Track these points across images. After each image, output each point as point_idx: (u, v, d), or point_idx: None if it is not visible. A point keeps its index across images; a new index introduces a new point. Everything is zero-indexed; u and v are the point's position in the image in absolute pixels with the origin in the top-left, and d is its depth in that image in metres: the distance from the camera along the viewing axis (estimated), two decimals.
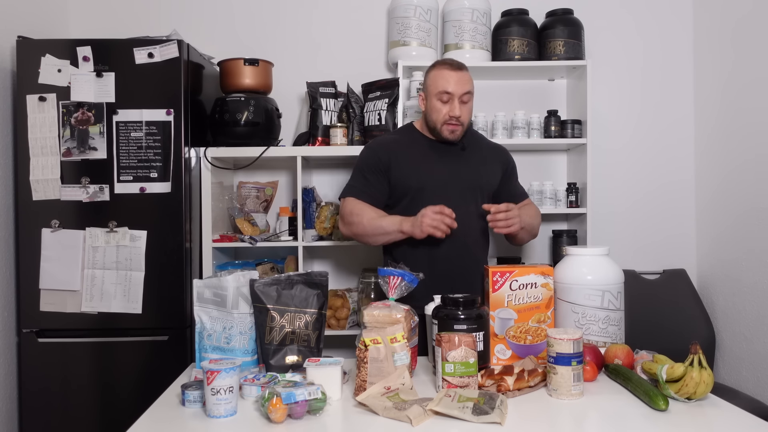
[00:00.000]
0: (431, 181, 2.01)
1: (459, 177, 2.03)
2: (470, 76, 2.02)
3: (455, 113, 1.96)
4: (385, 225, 1.95)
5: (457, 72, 1.98)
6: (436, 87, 1.98)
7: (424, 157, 2.05)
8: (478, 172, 2.06)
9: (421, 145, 2.07)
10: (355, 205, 2.01)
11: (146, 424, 1.31)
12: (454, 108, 1.96)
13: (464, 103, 1.98)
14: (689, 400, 1.37)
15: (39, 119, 2.33)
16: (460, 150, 2.07)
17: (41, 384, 2.33)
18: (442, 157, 2.05)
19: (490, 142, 2.26)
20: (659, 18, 3.04)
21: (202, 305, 1.59)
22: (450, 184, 2.02)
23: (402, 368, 1.42)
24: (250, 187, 2.86)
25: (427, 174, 2.02)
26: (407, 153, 2.05)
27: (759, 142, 2.52)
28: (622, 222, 3.03)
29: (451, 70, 1.98)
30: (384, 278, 1.59)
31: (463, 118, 1.99)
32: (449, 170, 2.03)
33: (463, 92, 1.96)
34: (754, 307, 2.57)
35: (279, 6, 3.01)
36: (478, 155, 2.09)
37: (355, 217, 1.99)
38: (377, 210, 2.01)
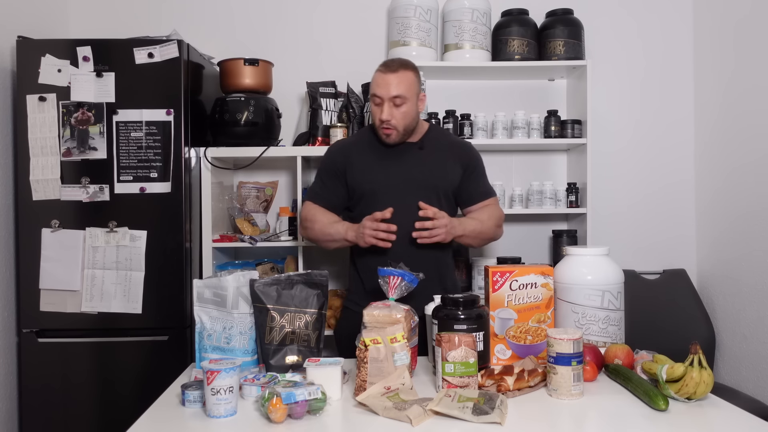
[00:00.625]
0: (384, 183, 1.98)
1: (412, 178, 1.98)
2: (410, 77, 1.93)
3: (383, 117, 1.91)
4: (333, 232, 1.97)
5: (389, 74, 1.90)
6: (371, 89, 1.96)
7: (379, 158, 2.01)
8: (434, 171, 2.01)
9: (377, 146, 2.02)
10: (310, 210, 2.04)
11: (146, 424, 1.31)
12: (383, 112, 1.91)
13: (396, 107, 1.91)
14: (689, 400, 1.37)
15: (39, 119, 2.33)
16: (417, 149, 2.02)
17: (41, 384, 2.33)
18: (397, 157, 2.01)
19: (455, 139, 2.19)
20: (659, 18, 3.04)
21: (202, 305, 1.59)
22: (404, 185, 1.97)
23: (402, 368, 1.42)
24: (250, 187, 2.86)
25: (379, 176, 1.99)
26: (363, 155, 2.03)
27: (759, 143, 2.52)
28: (622, 222, 3.03)
29: (382, 73, 1.92)
30: (384, 278, 1.59)
31: (396, 122, 1.92)
32: (404, 171, 1.99)
33: (393, 95, 1.89)
34: (754, 307, 2.57)
35: (279, 6, 3.01)
36: (437, 154, 2.03)
37: (308, 222, 2.04)
38: (330, 215, 2.03)
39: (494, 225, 2.05)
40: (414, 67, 1.98)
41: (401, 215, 1.92)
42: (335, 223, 1.99)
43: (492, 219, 2.04)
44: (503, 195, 2.83)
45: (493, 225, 2.05)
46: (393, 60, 1.97)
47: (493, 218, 2.04)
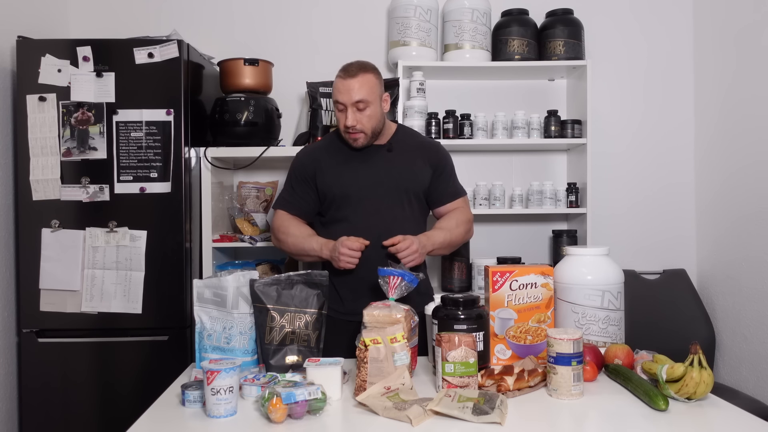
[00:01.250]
0: (354, 187, 1.96)
1: (383, 180, 1.96)
2: (371, 80, 1.90)
3: (348, 123, 1.89)
4: (308, 248, 1.94)
5: (349, 80, 1.88)
6: (333, 96, 1.94)
7: (348, 162, 1.99)
8: (403, 173, 1.99)
9: (346, 150, 2.00)
10: (282, 221, 2.01)
11: (146, 424, 1.31)
12: (347, 118, 1.89)
13: (360, 111, 1.89)
14: (689, 400, 1.37)
15: (39, 119, 2.33)
16: (386, 152, 2.01)
17: (41, 384, 2.33)
18: (366, 160, 1.98)
19: (424, 139, 2.17)
20: (660, 18, 3.04)
21: (202, 305, 1.59)
22: (373, 188, 1.96)
23: (402, 368, 1.42)
24: (250, 187, 2.86)
25: (349, 180, 1.96)
26: (331, 160, 2.00)
27: (759, 144, 2.52)
28: (622, 222, 3.03)
29: (341, 79, 1.90)
30: (384, 278, 1.59)
31: (362, 126, 1.90)
32: (373, 174, 1.97)
33: (355, 101, 1.87)
34: (754, 307, 2.57)
35: (279, 6, 3.01)
36: (406, 155, 2.01)
37: (281, 234, 2.00)
38: (302, 227, 2.00)
39: (464, 231, 2.04)
40: (374, 69, 1.95)
41: (372, 218, 1.92)
42: (309, 238, 1.95)
43: (461, 225, 2.03)
44: (503, 195, 2.83)
45: (463, 231, 2.04)
46: (351, 64, 1.93)
47: (461, 224, 2.03)
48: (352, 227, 1.91)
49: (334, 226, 1.96)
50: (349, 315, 1.90)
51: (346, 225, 1.93)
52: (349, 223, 1.94)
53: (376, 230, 1.89)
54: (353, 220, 1.94)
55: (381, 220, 1.92)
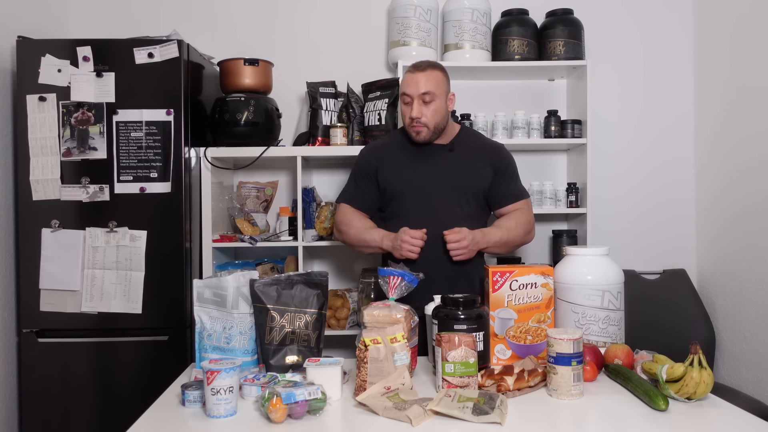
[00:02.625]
0: (411, 184, 2.01)
1: (441, 179, 2.01)
2: (438, 75, 1.98)
3: (413, 114, 1.96)
4: (369, 239, 2.00)
5: (416, 73, 1.97)
6: (401, 90, 2.02)
7: (409, 160, 2.05)
8: (463, 173, 2.03)
9: (408, 148, 2.07)
10: (345, 214, 2.08)
11: (146, 424, 1.31)
12: (413, 109, 1.96)
13: (426, 104, 1.96)
14: (689, 400, 1.37)
15: (39, 119, 2.33)
16: (447, 151, 2.05)
17: (41, 384, 2.33)
18: (427, 159, 2.04)
19: (487, 141, 2.20)
20: (659, 18, 3.04)
21: (202, 305, 1.59)
22: (431, 186, 2.00)
23: (402, 368, 1.42)
24: (250, 187, 2.86)
25: (408, 177, 2.02)
26: (394, 156, 2.06)
27: (759, 142, 2.52)
28: (622, 222, 3.03)
29: (410, 73, 1.98)
30: (384, 278, 1.59)
31: (426, 119, 1.97)
32: (432, 172, 2.02)
33: (421, 92, 1.95)
34: (754, 307, 2.57)
35: (279, 6, 3.01)
36: (468, 156, 2.06)
37: (343, 226, 2.07)
38: (365, 220, 2.06)
39: (523, 232, 2.05)
40: (442, 68, 2.03)
41: (428, 216, 1.96)
42: (371, 230, 2.01)
43: (520, 226, 2.04)
44: None
45: (522, 232, 2.05)
46: (422, 61, 2.03)
47: (521, 225, 2.04)
48: (409, 224, 1.94)
49: (393, 221, 2.01)
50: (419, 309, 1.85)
51: (403, 221, 1.97)
52: (406, 220, 1.97)
53: (432, 228, 1.91)
54: (410, 217, 1.98)
55: (438, 218, 1.95)
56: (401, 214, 2.00)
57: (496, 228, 2.01)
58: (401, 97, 2.01)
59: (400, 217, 2.01)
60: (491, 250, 2.02)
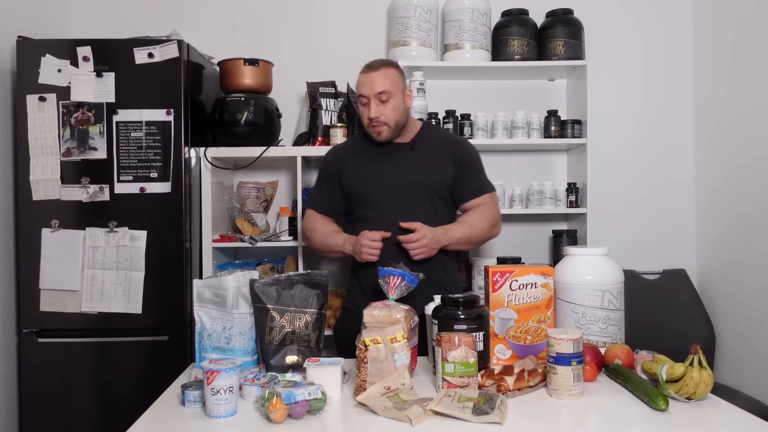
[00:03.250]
0: (373, 186, 1.99)
1: (404, 178, 1.99)
2: (393, 73, 1.96)
3: (371, 114, 1.94)
4: (332, 244, 2.00)
5: (370, 73, 1.94)
6: (356, 92, 1.99)
7: (371, 161, 2.02)
8: (424, 171, 2.00)
9: (370, 149, 2.04)
10: (310, 220, 2.08)
11: (146, 424, 1.31)
12: (371, 110, 1.94)
13: (383, 103, 1.93)
14: (689, 400, 1.37)
15: (39, 119, 2.33)
16: (409, 150, 2.03)
17: (41, 384, 2.33)
18: (389, 159, 2.01)
19: (449, 136, 2.17)
20: (659, 18, 3.04)
21: (202, 305, 1.59)
22: (395, 186, 1.98)
23: (402, 368, 1.42)
24: (250, 187, 2.86)
25: (370, 179, 2.00)
26: (356, 159, 2.05)
27: (759, 143, 2.52)
28: (622, 222, 3.03)
29: (365, 73, 1.96)
30: (384, 278, 1.59)
31: (386, 117, 1.94)
32: (395, 172, 1.99)
33: (377, 92, 1.92)
34: (754, 307, 2.57)
35: (279, 6, 3.01)
36: (429, 153, 2.03)
37: (308, 232, 2.07)
38: (328, 225, 2.06)
39: (487, 227, 2.01)
40: (396, 65, 2.01)
41: (394, 217, 1.93)
42: (333, 234, 2.01)
43: (484, 221, 2.00)
44: (503, 195, 2.83)
45: (486, 227, 2.01)
46: (375, 60, 2.00)
47: (485, 220, 2.00)
48: (375, 226, 1.93)
49: (359, 224, 1.99)
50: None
51: (369, 224, 1.96)
52: (371, 222, 1.96)
53: (397, 229, 1.90)
54: (376, 219, 1.97)
55: (402, 218, 1.93)
56: (366, 217, 1.98)
57: (459, 224, 1.98)
58: (358, 98, 1.98)
59: (365, 219, 1.98)
60: (455, 247, 1.99)
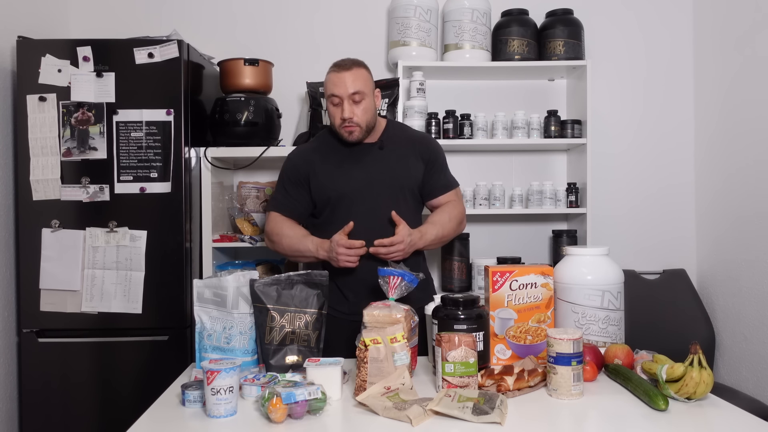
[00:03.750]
0: (349, 189, 1.96)
1: (377, 179, 1.97)
2: (364, 73, 1.94)
3: (345, 115, 1.90)
4: (303, 249, 1.95)
5: (342, 73, 1.91)
6: (327, 91, 1.95)
7: (341, 163, 1.99)
8: (395, 170, 1.99)
9: (338, 150, 2.01)
10: (276, 224, 2.01)
11: (146, 424, 1.31)
12: (344, 110, 1.91)
13: (356, 103, 1.91)
14: (689, 400, 1.37)
15: (39, 119, 2.33)
16: (378, 149, 2.01)
17: (41, 384, 2.33)
18: (359, 160, 1.99)
19: (415, 133, 2.16)
20: (660, 18, 3.04)
21: (202, 305, 1.59)
22: (369, 188, 1.96)
23: (402, 368, 1.42)
24: (250, 187, 2.86)
25: (344, 181, 1.97)
26: (324, 161, 2.01)
27: (759, 145, 2.52)
28: (622, 222, 3.03)
29: (337, 72, 1.93)
30: (384, 278, 1.59)
31: (358, 118, 1.92)
32: (367, 173, 1.97)
33: (351, 92, 1.90)
34: (753, 307, 2.57)
35: (279, 6, 3.01)
36: (398, 152, 2.02)
37: (275, 236, 2.00)
38: (296, 228, 2.00)
39: (456, 224, 2.04)
40: (366, 65, 1.99)
41: (368, 219, 1.92)
42: (304, 239, 1.95)
43: (453, 219, 2.03)
44: (503, 195, 2.83)
45: (455, 225, 2.04)
46: (345, 60, 1.98)
47: (454, 219, 2.03)
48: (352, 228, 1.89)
49: (330, 227, 1.94)
50: (352, 315, 1.90)
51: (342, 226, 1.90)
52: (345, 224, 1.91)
53: (372, 231, 1.88)
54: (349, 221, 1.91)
55: (377, 220, 1.92)
56: (339, 219, 1.92)
57: (431, 225, 1.99)
58: (329, 98, 1.94)
59: (337, 222, 1.92)
60: (427, 248, 2.01)
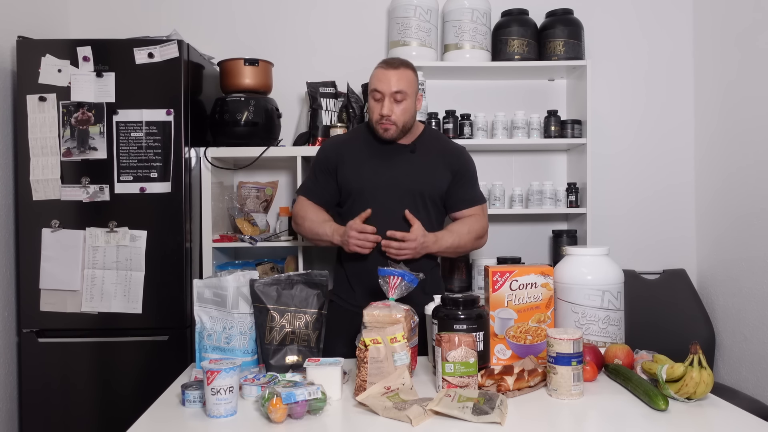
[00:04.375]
0: (370, 184, 1.99)
1: (400, 180, 1.99)
2: (410, 75, 1.96)
3: (383, 111, 1.92)
4: (321, 232, 1.99)
5: (390, 70, 1.93)
6: (371, 86, 1.97)
7: (370, 158, 2.02)
8: (421, 176, 2.00)
9: (371, 145, 2.03)
10: (302, 207, 2.07)
11: (146, 424, 1.31)
12: (383, 107, 1.92)
13: (397, 102, 1.93)
14: (689, 400, 1.37)
15: (39, 119, 2.33)
16: (409, 152, 2.02)
17: (41, 384, 2.33)
18: (388, 159, 2.01)
19: (449, 144, 2.16)
20: (659, 18, 3.04)
21: (202, 305, 1.59)
22: (389, 187, 1.98)
23: (402, 368, 1.42)
24: (250, 187, 2.86)
25: (367, 176, 1.99)
26: (355, 154, 2.04)
27: (759, 145, 2.52)
28: (622, 222, 3.03)
29: (384, 69, 1.94)
30: (384, 278, 1.59)
31: (396, 117, 1.93)
32: (392, 173, 1.99)
33: (394, 91, 1.91)
34: (754, 307, 2.57)
35: (279, 6, 3.01)
36: (428, 159, 2.03)
37: (299, 219, 2.07)
38: (320, 213, 2.05)
39: (474, 238, 2.04)
40: (413, 67, 2.01)
41: (385, 217, 1.93)
42: (324, 223, 2.00)
43: (472, 233, 2.03)
44: (503, 195, 2.83)
45: (473, 238, 2.04)
46: (394, 58, 2.00)
47: (473, 231, 2.03)
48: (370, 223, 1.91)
49: (350, 218, 1.97)
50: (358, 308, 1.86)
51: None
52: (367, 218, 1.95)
53: (387, 228, 1.89)
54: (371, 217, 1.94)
55: (393, 219, 1.93)
56: (356, 212, 1.95)
57: (449, 233, 2.00)
58: (371, 93, 1.96)
59: (356, 214, 1.94)
60: (441, 254, 2.03)
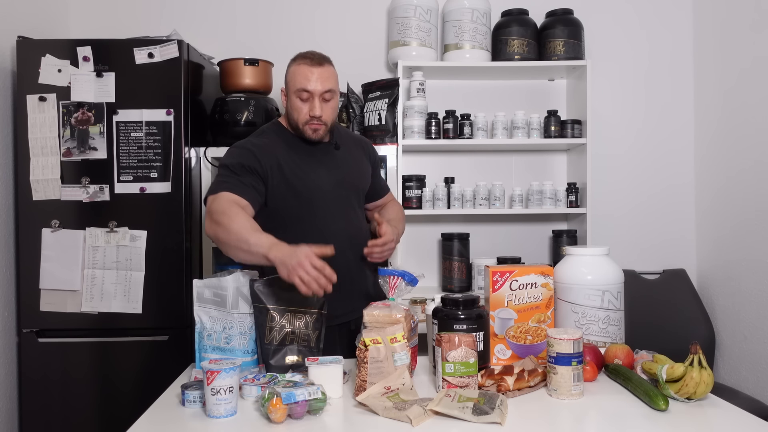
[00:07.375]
0: (319, 191, 1.81)
1: (342, 179, 1.86)
2: (334, 72, 1.81)
3: (315, 113, 1.76)
4: (252, 242, 1.56)
5: (318, 68, 1.77)
6: (295, 84, 1.78)
7: (304, 162, 1.82)
8: (354, 171, 1.92)
9: (298, 147, 1.84)
10: (230, 207, 1.65)
11: (146, 424, 1.31)
12: (314, 107, 1.76)
13: (326, 101, 1.78)
14: (689, 400, 1.37)
15: (39, 119, 2.33)
16: (334, 149, 1.89)
17: (41, 384, 2.33)
18: (320, 160, 1.85)
19: (357, 135, 2.12)
20: (660, 18, 3.04)
21: (202, 305, 1.59)
22: (334, 190, 1.84)
23: (402, 368, 1.42)
24: None
25: (313, 180, 1.81)
26: (286, 159, 1.80)
27: (759, 146, 2.52)
28: (622, 222, 3.03)
29: (309, 66, 1.77)
30: (384, 278, 1.60)
31: (326, 117, 1.79)
32: (331, 174, 1.85)
33: (324, 90, 1.76)
34: (753, 307, 2.57)
35: (279, 6, 3.01)
36: (351, 153, 1.94)
37: (223, 217, 1.62)
38: (251, 219, 1.66)
39: (404, 224, 2.05)
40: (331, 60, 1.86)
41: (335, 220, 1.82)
42: (258, 232, 1.58)
43: (403, 219, 2.04)
44: (503, 195, 2.83)
45: (404, 224, 2.05)
46: (314, 53, 1.82)
47: (402, 217, 2.05)
48: (319, 232, 1.77)
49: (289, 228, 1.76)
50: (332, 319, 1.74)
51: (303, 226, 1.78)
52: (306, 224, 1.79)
53: (344, 233, 1.81)
54: (311, 222, 1.80)
55: (348, 222, 1.85)
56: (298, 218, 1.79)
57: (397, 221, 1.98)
58: (296, 92, 1.77)
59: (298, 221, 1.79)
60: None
